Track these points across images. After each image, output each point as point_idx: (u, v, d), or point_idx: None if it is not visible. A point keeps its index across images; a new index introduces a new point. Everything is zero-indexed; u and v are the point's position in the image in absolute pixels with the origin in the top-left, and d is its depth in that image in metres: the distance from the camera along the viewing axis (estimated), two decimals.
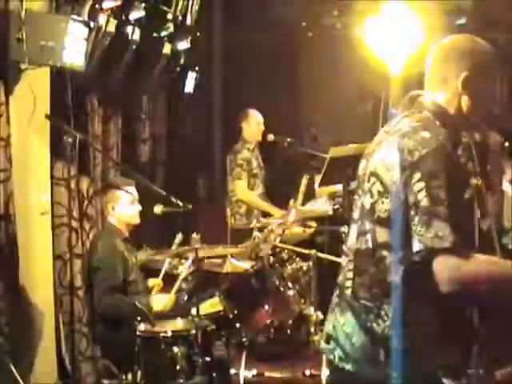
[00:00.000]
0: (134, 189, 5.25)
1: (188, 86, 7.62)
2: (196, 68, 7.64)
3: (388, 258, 2.59)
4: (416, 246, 2.46)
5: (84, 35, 4.83)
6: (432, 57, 2.75)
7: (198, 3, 7.31)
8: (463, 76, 2.64)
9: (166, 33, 6.57)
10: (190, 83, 7.63)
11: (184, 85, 7.56)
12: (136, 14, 5.76)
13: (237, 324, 5.20)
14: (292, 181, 7.86)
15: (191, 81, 7.63)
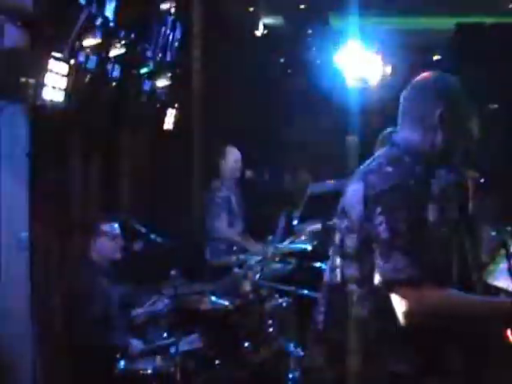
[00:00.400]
0: (116, 224, 5.27)
1: (168, 123, 7.65)
2: (175, 105, 7.68)
3: (356, 292, 2.62)
4: (377, 279, 2.50)
5: (64, 72, 4.85)
6: (406, 95, 2.79)
7: (178, 40, 7.37)
8: (438, 113, 2.68)
9: (146, 70, 6.61)
10: (170, 120, 7.66)
11: (163, 121, 7.59)
12: (116, 51, 5.79)
13: (216, 362, 5.18)
14: (271, 217, 7.86)
15: (171, 117, 7.66)
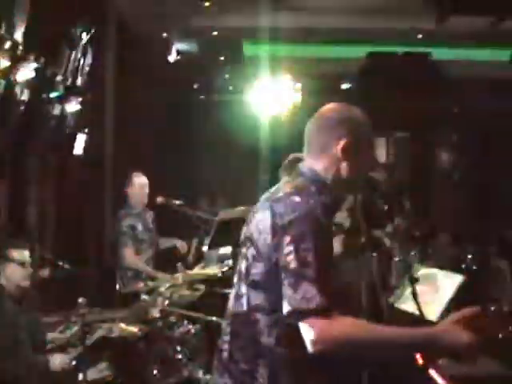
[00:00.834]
0: (25, 251, 5.18)
1: (77, 148, 7.58)
2: (86, 130, 7.62)
3: (261, 321, 2.63)
4: (285, 308, 2.50)
5: None
6: (311, 125, 2.83)
7: (89, 65, 7.34)
8: (342, 143, 2.73)
9: (56, 94, 6.55)
10: (80, 145, 7.60)
11: (73, 146, 7.52)
12: (25, 75, 5.72)
13: None
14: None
15: (81, 143, 7.60)
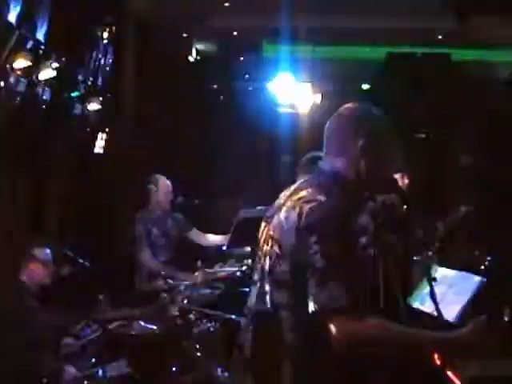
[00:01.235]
0: (47, 249, 5.22)
1: (98, 147, 7.62)
2: (106, 129, 7.66)
3: (286, 319, 2.63)
4: (311, 307, 2.50)
5: None
6: (330, 124, 2.84)
7: (110, 65, 7.38)
8: (361, 142, 2.74)
9: (77, 93, 6.59)
10: (100, 144, 7.63)
11: (94, 145, 7.57)
12: (46, 75, 5.77)
13: None
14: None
15: (101, 141, 7.63)
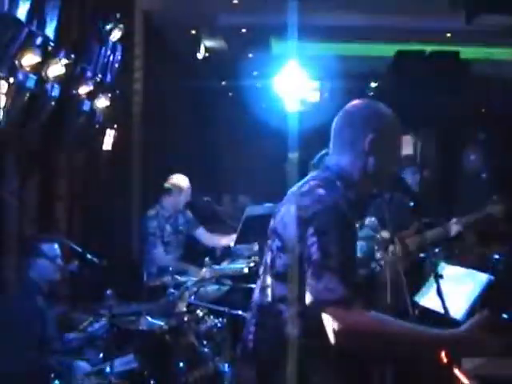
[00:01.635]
0: (56, 245, 5.24)
1: (106, 144, 7.64)
2: (115, 126, 7.68)
3: (285, 312, 2.66)
4: (308, 299, 2.52)
5: (3, 90, 4.85)
6: (338, 121, 2.87)
7: (118, 62, 7.40)
8: (368, 138, 2.76)
9: (86, 90, 6.61)
10: (109, 141, 7.66)
11: (102, 142, 7.58)
12: (56, 71, 5.78)
13: (151, 382, 5.18)
14: None
15: (110, 138, 7.65)
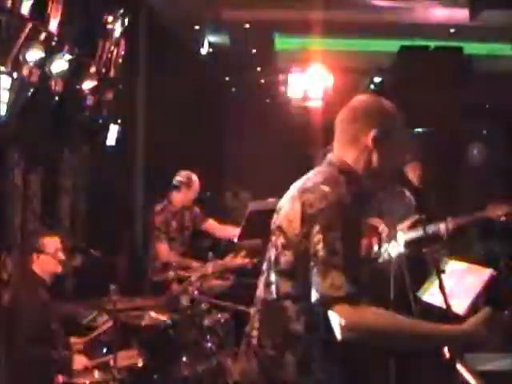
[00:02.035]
0: (58, 239, 5.25)
1: (110, 139, 7.63)
2: (118, 121, 7.67)
3: (290, 308, 2.67)
4: (314, 296, 2.54)
5: (7, 86, 4.85)
6: (341, 116, 2.87)
7: (122, 56, 7.39)
8: (372, 134, 2.76)
9: (89, 85, 6.60)
10: (112, 136, 7.64)
11: (106, 137, 7.57)
12: (59, 66, 5.79)
13: (155, 376, 5.20)
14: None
15: (113, 133, 7.64)
